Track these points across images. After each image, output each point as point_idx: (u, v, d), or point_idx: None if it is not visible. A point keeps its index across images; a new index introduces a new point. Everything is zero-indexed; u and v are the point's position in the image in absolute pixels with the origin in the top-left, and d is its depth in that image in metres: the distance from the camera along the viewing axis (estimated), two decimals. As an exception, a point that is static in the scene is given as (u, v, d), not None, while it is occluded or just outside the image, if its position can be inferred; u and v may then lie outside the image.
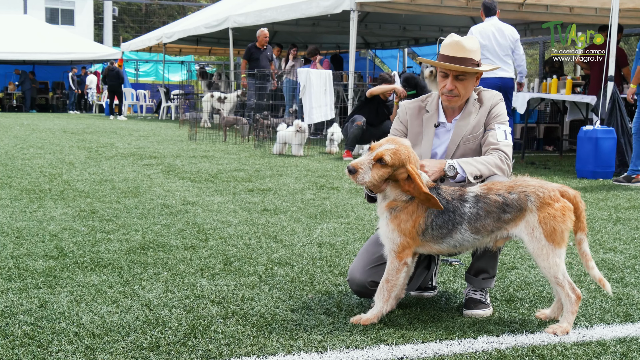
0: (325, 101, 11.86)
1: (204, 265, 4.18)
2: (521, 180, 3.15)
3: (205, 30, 19.31)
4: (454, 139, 3.53)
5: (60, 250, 4.45)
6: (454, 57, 3.46)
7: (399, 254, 3.16)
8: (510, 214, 3.07)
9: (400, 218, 3.13)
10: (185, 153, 10.82)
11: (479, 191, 3.12)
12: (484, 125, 3.52)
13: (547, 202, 3.05)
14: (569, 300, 3.11)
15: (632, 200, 6.88)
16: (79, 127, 17.14)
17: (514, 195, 3.08)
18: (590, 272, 3.20)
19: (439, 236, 3.14)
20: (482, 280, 3.46)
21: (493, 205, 3.08)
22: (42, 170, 8.32)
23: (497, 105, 3.56)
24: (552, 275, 3.08)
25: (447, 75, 3.50)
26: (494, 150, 3.42)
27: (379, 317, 3.22)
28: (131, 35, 42.23)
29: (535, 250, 3.07)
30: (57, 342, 2.91)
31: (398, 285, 3.23)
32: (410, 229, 3.12)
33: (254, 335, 3.04)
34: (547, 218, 3.03)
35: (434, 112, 3.61)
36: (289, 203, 6.38)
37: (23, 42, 25.70)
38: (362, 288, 3.43)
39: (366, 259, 3.45)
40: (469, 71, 3.48)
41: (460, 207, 3.10)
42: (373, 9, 13.31)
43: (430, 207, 3.09)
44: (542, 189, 3.08)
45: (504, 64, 9.55)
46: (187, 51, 27.42)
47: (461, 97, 3.53)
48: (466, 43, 3.49)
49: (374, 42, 23.15)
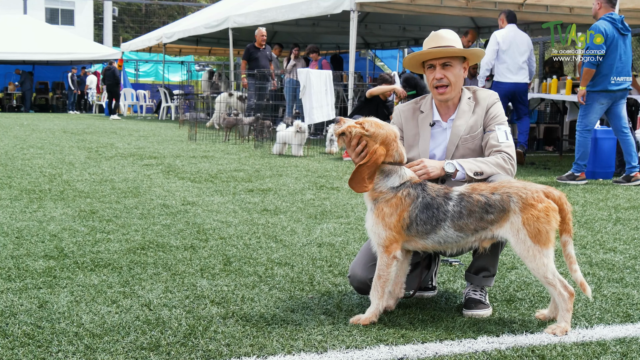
0: (326, 101, 11.86)
1: (204, 265, 4.18)
2: (505, 182, 3.17)
3: (205, 31, 19.31)
4: (452, 139, 3.54)
5: (60, 250, 4.45)
6: (435, 46, 3.54)
7: (387, 248, 3.18)
8: (493, 215, 3.08)
9: (384, 212, 3.15)
10: (185, 153, 10.82)
11: (464, 190, 3.15)
12: (482, 125, 3.53)
13: (530, 203, 3.05)
14: (562, 298, 3.10)
15: (632, 200, 6.88)
16: (78, 127, 17.14)
17: (496, 196, 3.08)
18: (573, 274, 3.18)
19: (423, 232, 3.15)
20: (483, 278, 3.46)
21: (475, 204, 3.09)
22: (42, 170, 8.32)
23: (494, 105, 3.57)
24: (542, 275, 3.08)
25: (434, 67, 3.54)
26: (497, 152, 3.43)
27: (377, 315, 3.22)
28: (131, 36, 42.24)
29: (522, 252, 3.08)
30: (57, 342, 2.91)
31: (390, 280, 3.23)
32: (395, 223, 3.14)
33: (254, 335, 3.04)
34: (531, 219, 3.03)
35: (429, 112, 3.62)
36: (289, 203, 6.38)
37: (23, 42, 25.71)
38: (363, 285, 3.43)
39: (368, 255, 3.45)
40: (451, 53, 3.52)
41: (444, 204, 3.13)
42: (373, 9, 13.32)
43: (352, 180, 3.15)
44: (525, 190, 3.08)
45: (520, 70, 9.91)
46: (187, 51, 27.43)
47: (452, 86, 3.54)
48: (445, 33, 3.59)
49: (373, 42, 23.16)
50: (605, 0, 8.02)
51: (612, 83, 7.99)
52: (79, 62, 27.49)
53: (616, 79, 7.98)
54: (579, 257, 4.43)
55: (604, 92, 8.03)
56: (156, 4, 45.89)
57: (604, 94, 8.04)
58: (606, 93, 8.03)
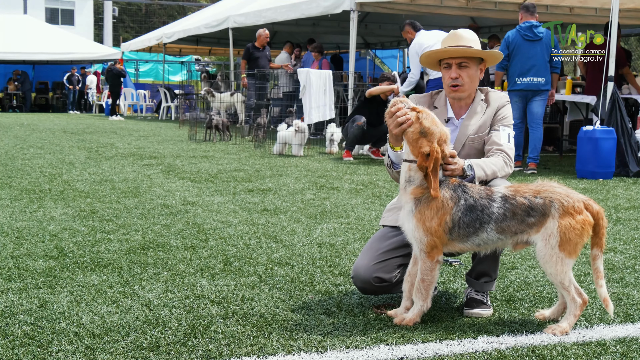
0: (325, 101, 11.86)
1: (204, 265, 4.18)
2: (548, 185, 3.14)
3: (205, 30, 19.31)
4: (459, 138, 3.53)
5: (60, 250, 4.45)
6: (453, 45, 3.52)
7: (429, 253, 3.14)
8: (534, 218, 3.06)
9: (425, 215, 3.08)
10: (185, 153, 10.82)
11: (507, 192, 3.10)
12: (489, 125, 3.53)
13: (569, 212, 3.04)
14: (574, 303, 3.11)
15: (632, 200, 6.88)
16: (79, 127, 17.14)
17: (539, 200, 3.07)
18: (598, 289, 3.17)
19: (465, 235, 3.10)
20: (484, 283, 3.45)
21: (519, 207, 3.07)
22: (42, 170, 8.32)
23: (504, 107, 3.57)
24: (559, 281, 3.08)
25: (450, 66, 3.52)
26: (498, 151, 3.42)
27: (421, 316, 3.21)
28: (131, 35, 42.21)
29: (545, 256, 3.06)
30: (57, 342, 2.91)
31: (434, 282, 3.21)
32: (436, 228, 3.08)
33: (254, 335, 3.04)
34: (567, 228, 3.03)
35: (443, 108, 3.61)
36: (289, 203, 6.38)
37: (23, 42, 25.70)
38: (367, 284, 3.40)
39: (371, 255, 3.43)
40: (469, 54, 3.50)
41: (489, 206, 3.08)
42: (373, 9, 13.31)
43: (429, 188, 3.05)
44: (567, 197, 3.07)
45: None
46: (187, 51, 27.41)
47: (465, 87, 3.52)
48: (464, 33, 3.57)
49: (374, 42, 23.14)
50: (524, 11, 9.35)
51: (518, 83, 9.28)
52: (79, 62, 27.48)
53: (521, 79, 9.26)
54: (579, 256, 4.42)
55: (514, 92, 9.30)
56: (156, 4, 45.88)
57: (514, 93, 9.29)
58: (515, 92, 9.29)
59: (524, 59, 9.20)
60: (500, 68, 9.42)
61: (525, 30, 9.18)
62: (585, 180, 8.41)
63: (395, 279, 3.43)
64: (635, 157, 8.86)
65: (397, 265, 3.44)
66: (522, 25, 9.25)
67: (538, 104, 9.43)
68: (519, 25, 9.28)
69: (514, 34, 9.26)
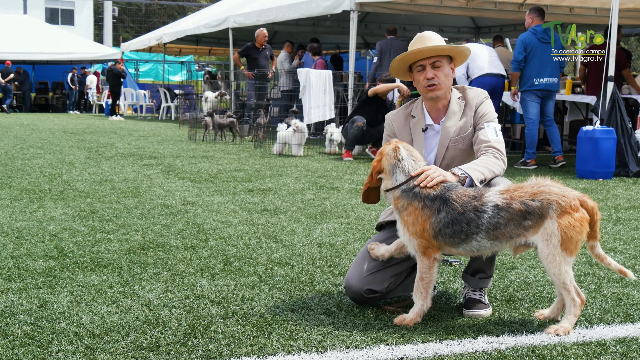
0: (324, 101, 11.86)
1: (204, 265, 4.18)
2: (543, 185, 3.13)
3: (205, 30, 19.30)
4: (442, 141, 3.53)
5: (60, 250, 4.45)
6: (421, 47, 3.52)
7: (424, 252, 3.18)
8: (531, 221, 3.07)
9: (408, 221, 3.16)
10: (185, 153, 10.82)
11: (500, 201, 3.08)
12: (472, 125, 3.52)
13: (567, 211, 3.06)
14: (574, 304, 3.12)
15: (632, 200, 6.88)
16: (79, 127, 17.14)
17: (536, 203, 3.06)
18: (610, 267, 3.24)
19: (452, 243, 3.14)
20: (479, 280, 3.46)
21: (516, 214, 3.07)
22: (42, 170, 8.32)
23: (483, 103, 3.56)
24: (561, 281, 3.09)
25: (425, 68, 3.52)
26: (487, 147, 3.41)
27: (421, 315, 3.22)
28: (131, 35, 42.22)
29: (547, 256, 3.07)
30: (57, 342, 2.91)
31: (433, 280, 3.23)
32: (419, 231, 3.14)
33: (254, 335, 3.04)
34: (567, 227, 3.04)
35: (420, 116, 3.61)
36: (289, 203, 6.38)
37: (23, 42, 25.70)
38: (358, 296, 3.43)
39: (362, 266, 3.45)
40: (440, 52, 3.51)
41: (477, 218, 3.07)
42: (373, 9, 13.31)
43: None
44: (564, 197, 3.07)
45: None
46: (187, 51, 27.41)
47: (442, 85, 3.52)
48: (430, 35, 3.59)
49: (373, 42, 23.12)
50: (536, 14, 9.78)
51: (536, 83, 9.69)
52: (79, 62, 27.48)
53: (539, 80, 9.68)
54: (579, 257, 4.42)
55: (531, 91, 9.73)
56: (156, 4, 45.89)
57: (531, 92, 9.73)
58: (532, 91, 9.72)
59: (541, 61, 9.63)
60: (516, 69, 9.78)
61: (541, 34, 9.61)
62: (585, 180, 8.41)
63: (387, 290, 3.45)
64: (635, 157, 8.86)
65: (391, 276, 3.46)
66: (537, 28, 9.63)
67: (550, 104, 9.96)
68: (533, 28, 9.63)
69: (529, 36, 9.61)
